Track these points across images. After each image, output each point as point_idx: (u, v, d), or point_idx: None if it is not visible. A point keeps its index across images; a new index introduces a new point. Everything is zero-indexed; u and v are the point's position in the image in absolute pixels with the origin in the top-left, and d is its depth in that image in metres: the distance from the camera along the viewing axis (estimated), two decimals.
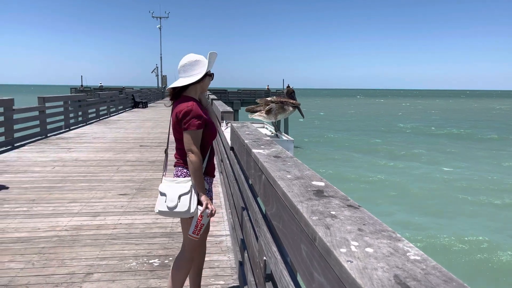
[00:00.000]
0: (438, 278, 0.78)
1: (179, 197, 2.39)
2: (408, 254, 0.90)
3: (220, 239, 4.11)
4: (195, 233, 2.41)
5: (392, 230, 1.04)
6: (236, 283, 3.20)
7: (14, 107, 9.90)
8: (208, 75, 2.60)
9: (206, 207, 2.40)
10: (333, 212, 1.19)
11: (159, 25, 51.73)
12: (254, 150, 2.34)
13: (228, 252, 3.82)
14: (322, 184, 1.53)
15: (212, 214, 2.45)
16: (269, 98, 5.81)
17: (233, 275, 3.35)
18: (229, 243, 4.02)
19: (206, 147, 2.57)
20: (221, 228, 4.43)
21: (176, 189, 2.40)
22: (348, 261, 0.87)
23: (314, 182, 1.56)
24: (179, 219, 2.63)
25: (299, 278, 1.46)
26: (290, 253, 1.35)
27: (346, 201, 1.31)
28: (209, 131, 2.54)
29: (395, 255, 0.89)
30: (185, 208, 2.38)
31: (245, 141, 2.77)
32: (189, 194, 2.40)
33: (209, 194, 2.58)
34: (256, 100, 5.77)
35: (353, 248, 0.93)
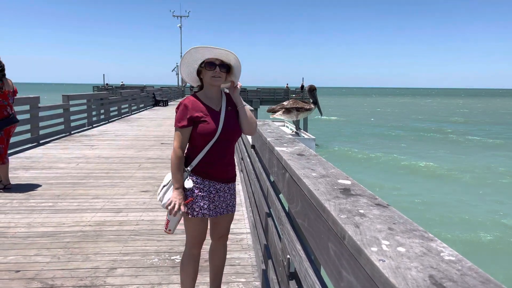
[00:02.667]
0: (474, 279, 0.76)
1: (162, 187, 2.54)
2: (442, 254, 0.88)
3: (240, 237, 4.12)
4: (165, 227, 2.53)
5: (424, 230, 1.02)
6: (258, 281, 3.20)
7: (39, 105, 10.14)
8: (205, 68, 2.39)
9: (169, 204, 2.38)
10: (361, 211, 1.17)
11: (180, 24, 52.18)
12: (277, 148, 2.33)
13: (249, 250, 3.82)
14: (349, 182, 1.51)
15: (170, 211, 2.38)
16: (285, 103, 5.79)
17: (254, 273, 3.35)
18: (249, 241, 4.03)
19: (197, 146, 2.45)
20: (241, 226, 4.44)
21: (164, 181, 2.55)
22: (380, 260, 0.85)
23: (340, 181, 1.54)
24: None
25: (324, 276, 1.45)
26: (316, 252, 1.34)
27: (374, 199, 1.29)
28: (198, 130, 2.39)
29: (429, 255, 0.87)
30: (158, 198, 2.54)
31: (268, 139, 2.77)
32: (166, 186, 2.51)
33: (193, 194, 2.42)
34: (274, 108, 5.78)
35: (384, 247, 0.91)
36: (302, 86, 44.39)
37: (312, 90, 5.15)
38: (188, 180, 2.43)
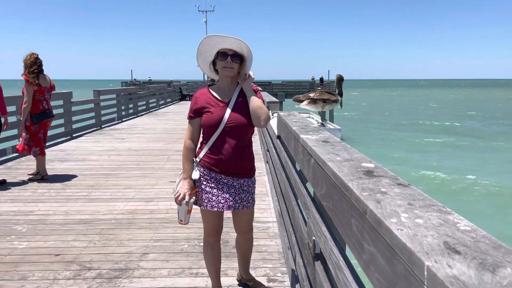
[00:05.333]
0: (487, 245, 0.82)
1: (178, 178, 2.61)
2: (458, 225, 0.93)
3: (267, 225, 4.21)
4: (178, 217, 2.62)
5: (442, 205, 1.08)
6: (284, 267, 3.29)
7: (72, 100, 10.52)
8: (216, 58, 2.41)
9: (177, 193, 2.47)
10: (383, 189, 1.24)
11: (205, 19, 52.52)
12: (302, 136, 2.40)
13: (275, 238, 3.91)
14: (372, 165, 1.57)
15: (175, 200, 2.48)
16: (311, 94, 5.80)
17: (280, 259, 3.44)
18: (275, 230, 4.12)
19: (205, 138, 2.49)
20: (268, 215, 4.53)
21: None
22: (398, 229, 0.92)
23: (363, 164, 1.60)
24: None
25: (347, 253, 1.52)
26: (340, 229, 1.41)
27: (396, 180, 1.35)
28: (202, 121, 2.45)
29: (445, 226, 0.93)
30: (173, 188, 2.64)
31: (293, 128, 2.84)
32: (179, 176, 2.58)
33: (200, 185, 2.47)
34: (300, 97, 5.80)
35: (403, 219, 0.98)
36: (322, 79, 43.94)
37: (340, 80, 5.13)
38: (195, 171, 2.48)
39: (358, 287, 1.28)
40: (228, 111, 2.41)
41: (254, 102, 2.41)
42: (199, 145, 2.56)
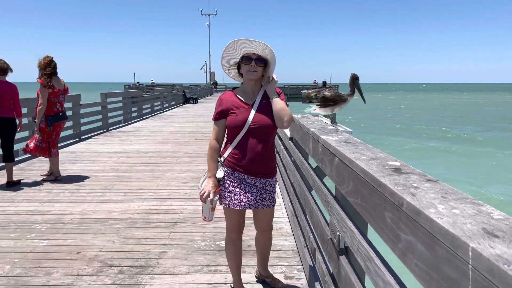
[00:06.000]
0: None
1: (202, 177, 2.72)
2: (491, 214, 1.03)
3: (280, 225, 4.30)
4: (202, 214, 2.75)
5: (474, 198, 1.17)
6: (299, 265, 3.38)
7: (81, 103, 10.64)
8: (241, 62, 2.53)
9: (202, 190, 2.58)
10: (415, 185, 1.33)
11: (208, 23, 52.81)
12: (323, 137, 2.50)
13: (289, 237, 4.01)
14: (398, 163, 1.67)
15: (200, 197, 2.59)
16: (326, 93, 5.84)
17: (295, 257, 3.53)
18: (289, 229, 4.21)
19: (230, 138, 2.58)
20: (280, 216, 4.63)
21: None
22: (438, 217, 1.01)
23: (390, 162, 1.70)
24: None
25: (376, 245, 1.62)
26: (371, 223, 1.51)
27: (424, 176, 1.45)
28: (227, 122, 2.55)
29: (480, 215, 1.03)
30: (198, 186, 2.76)
31: (311, 129, 2.94)
32: (205, 176, 2.67)
33: (224, 184, 2.58)
34: (311, 92, 5.87)
35: (440, 209, 1.08)
36: (325, 83, 44.08)
37: (355, 78, 5.15)
38: (220, 170, 2.58)
39: (391, 274, 1.38)
40: (253, 112, 2.50)
41: (277, 104, 2.49)
42: (223, 145, 2.66)
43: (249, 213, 2.90)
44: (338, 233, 2.04)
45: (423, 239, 1.07)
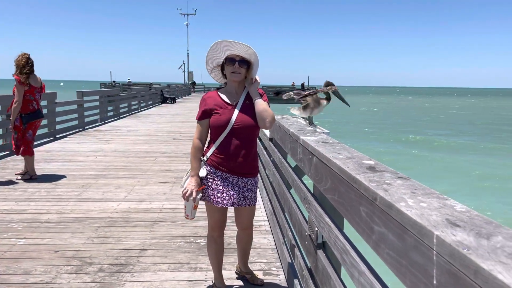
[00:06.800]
0: (480, 221, 1.02)
1: (185, 176, 2.78)
2: (455, 207, 1.14)
3: (259, 224, 4.39)
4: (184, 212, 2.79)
5: (440, 193, 1.28)
6: (278, 262, 3.48)
7: (56, 101, 10.46)
8: (225, 63, 2.57)
9: (184, 189, 2.64)
10: (387, 181, 1.44)
11: (187, 22, 52.49)
12: (302, 137, 2.59)
13: (268, 235, 4.10)
14: (373, 162, 1.78)
15: (183, 196, 2.64)
16: (306, 95, 5.92)
17: (274, 255, 3.62)
18: (267, 228, 4.30)
19: (213, 138, 2.63)
20: (259, 214, 4.71)
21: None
22: (408, 210, 1.12)
23: (365, 161, 1.80)
24: None
25: (351, 238, 1.72)
26: (348, 217, 1.61)
27: (397, 174, 1.56)
28: (210, 122, 2.60)
29: (445, 208, 1.13)
30: (181, 185, 2.81)
31: (291, 130, 3.03)
32: (187, 174, 2.73)
33: (207, 183, 2.62)
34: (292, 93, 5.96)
35: (410, 203, 1.18)
36: (303, 85, 44.65)
37: (331, 85, 5.29)
38: (203, 169, 2.64)
39: (365, 265, 1.48)
40: (236, 112, 2.57)
41: (260, 105, 2.57)
42: (207, 145, 2.72)
43: (229, 212, 2.97)
44: (316, 229, 2.14)
45: (394, 230, 1.17)
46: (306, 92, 5.09)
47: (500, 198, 12.62)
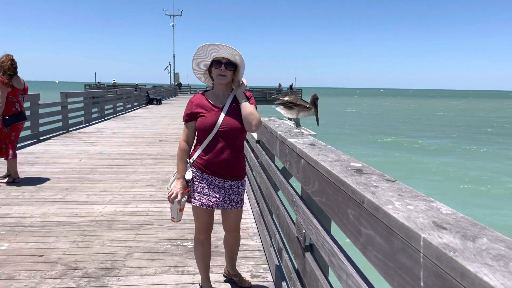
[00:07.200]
0: (466, 223, 1.04)
1: (171, 178, 2.77)
2: (441, 209, 1.16)
3: (246, 226, 4.38)
4: (170, 215, 2.80)
5: (426, 196, 1.30)
6: (266, 264, 3.48)
7: (40, 102, 10.29)
8: (211, 66, 2.57)
9: (171, 192, 2.63)
10: (375, 184, 1.45)
11: (173, 23, 52.22)
12: (289, 140, 2.60)
13: (255, 237, 4.09)
14: (360, 165, 1.79)
15: (168, 198, 2.64)
16: (286, 98, 5.99)
17: (261, 257, 3.62)
18: (255, 230, 4.30)
19: (199, 141, 2.63)
20: (246, 217, 4.71)
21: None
22: (395, 213, 1.13)
23: (352, 164, 1.82)
24: None
25: (339, 240, 1.73)
26: (335, 220, 1.62)
27: (383, 176, 1.58)
28: (197, 124, 2.59)
29: (431, 210, 1.15)
30: (167, 187, 2.80)
31: (278, 132, 3.04)
32: (173, 176, 2.74)
33: (193, 185, 2.61)
34: (277, 96, 6.01)
35: (397, 206, 1.19)
36: (291, 86, 44.98)
37: (315, 99, 5.40)
38: (188, 171, 2.63)
39: (353, 267, 1.49)
40: (222, 115, 2.56)
41: (246, 108, 2.57)
42: (193, 147, 2.70)
43: (216, 215, 2.96)
44: (304, 231, 2.14)
45: (381, 232, 1.18)
46: (298, 102, 5.17)
47: (478, 200, 12.97)
